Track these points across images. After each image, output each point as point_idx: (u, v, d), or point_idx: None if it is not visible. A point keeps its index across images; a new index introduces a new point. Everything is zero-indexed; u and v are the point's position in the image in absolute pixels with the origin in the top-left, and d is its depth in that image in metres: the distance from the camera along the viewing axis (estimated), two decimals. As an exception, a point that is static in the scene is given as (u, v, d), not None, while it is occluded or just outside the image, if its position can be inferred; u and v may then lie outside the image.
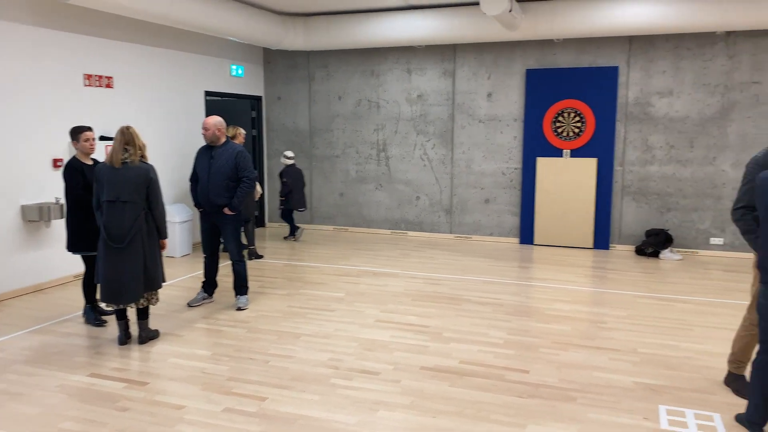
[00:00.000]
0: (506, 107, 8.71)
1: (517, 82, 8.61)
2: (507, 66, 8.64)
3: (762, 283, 3.33)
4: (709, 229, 8.00)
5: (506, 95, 8.69)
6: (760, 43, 7.54)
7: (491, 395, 3.84)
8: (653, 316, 5.44)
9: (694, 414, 3.59)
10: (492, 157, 8.86)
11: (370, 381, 4.05)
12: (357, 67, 9.44)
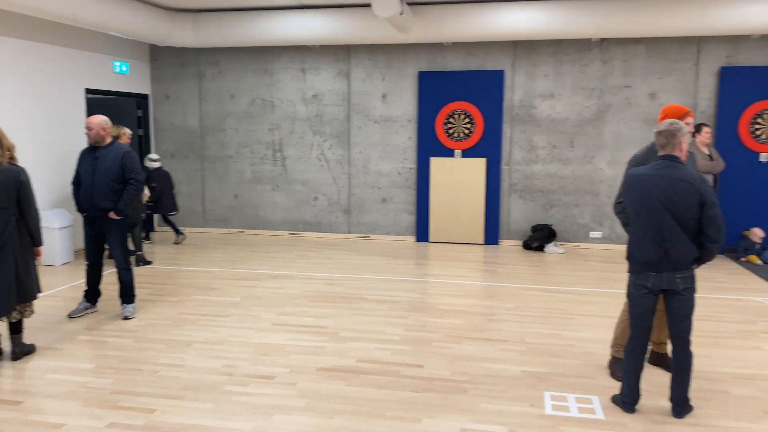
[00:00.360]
0: (401, 108, 8.87)
1: (410, 84, 8.79)
2: (400, 68, 8.80)
3: (630, 272, 3.60)
4: (588, 223, 8.56)
5: (400, 96, 8.85)
6: (630, 50, 8.15)
7: (387, 392, 3.89)
8: (539, 307, 5.74)
9: (575, 398, 3.82)
10: (388, 158, 8.99)
11: (265, 385, 3.99)
12: (250, 65, 9.25)
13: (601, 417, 3.56)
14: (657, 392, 3.86)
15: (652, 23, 7.36)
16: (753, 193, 7.98)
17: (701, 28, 7.32)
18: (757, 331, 5.09)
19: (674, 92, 8.08)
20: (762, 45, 7.82)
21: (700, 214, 3.40)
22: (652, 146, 3.94)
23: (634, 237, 3.55)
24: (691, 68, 8.02)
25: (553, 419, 3.54)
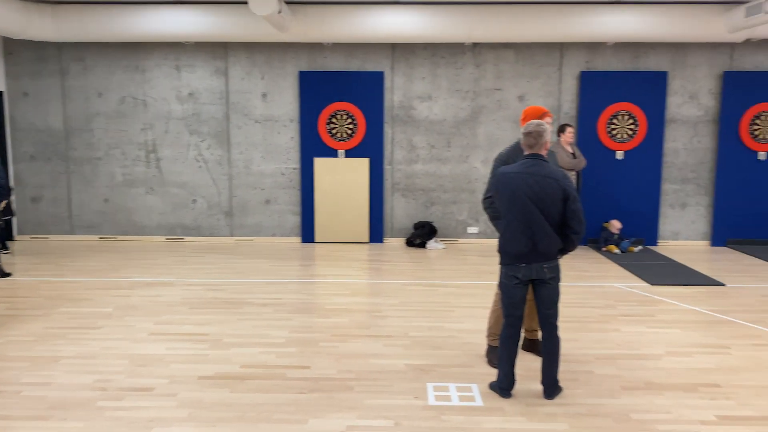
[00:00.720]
0: (282, 108, 8.77)
1: (291, 84, 8.71)
2: (280, 67, 8.70)
3: (503, 264, 3.81)
4: (466, 219, 8.93)
5: (281, 96, 8.75)
6: (500, 55, 8.59)
7: (273, 395, 3.84)
8: (422, 302, 5.91)
9: (456, 387, 3.98)
10: (271, 158, 8.86)
11: (143, 398, 3.79)
12: (119, 61, 8.74)
13: (480, 404, 3.74)
14: (530, 377, 4.11)
15: (520, 30, 7.82)
16: (611, 188, 8.70)
17: (563, 35, 7.89)
18: (616, 314, 5.56)
19: (541, 94, 8.63)
20: (616, 52, 8.55)
21: (564, 208, 3.67)
22: (516, 145, 4.20)
23: (506, 231, 3.76)
24: (555, 72, 8.61)
25: (436, 409, 3.66)
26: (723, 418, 3.56)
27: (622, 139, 8.61)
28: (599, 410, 3.65)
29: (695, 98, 8.60)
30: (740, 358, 4.51)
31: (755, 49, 8.48)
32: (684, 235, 8.88)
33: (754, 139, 8.53)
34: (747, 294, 6.25)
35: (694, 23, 7.75)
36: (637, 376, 4.17)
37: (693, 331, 5.08)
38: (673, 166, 8.75)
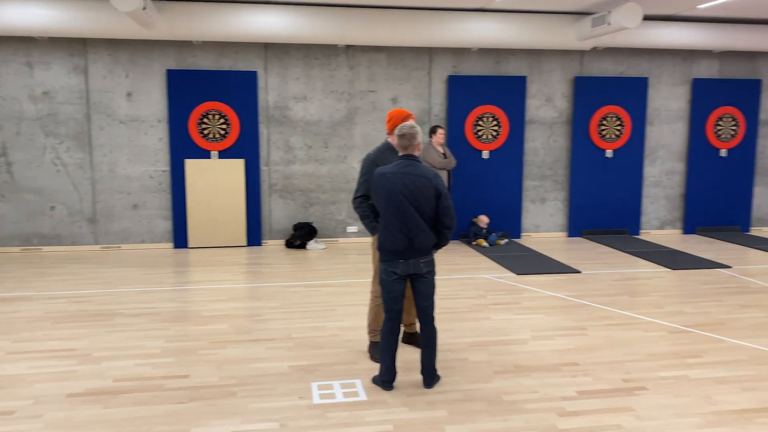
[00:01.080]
0: (149, 108, 8.37)
1: (158, 83, 8.34)
2: (146, 65, 8.30)
3: (382, 261, 3.93)
4: (345, 219, 9.04)
5: (148, 95, 8.35)
6: (373, 58, 8.79)
7: (151, 408, 3.69)
8: (303, 303, 5.92)
9: (340, 384, 4.05)
10: (138, 160, 8.42)
11: (3, 423, 3.49)
12: (-41, 56, 7.91)
13: (364, 398, 3.84)
14: (410, 368, 4.27)
15: (391, 34, 8.05)
16: (479, 186, 9.20)
17: (431, 40, 8.22)
18: (487, 303, 5.91)
19: (412, 97, 8.93)
20: (480, 57, 9.04)
21: (437, 205, 3.86)
22: (383, 146, 4.36)
23: (384, 229, 3.88)
24: (425, 76, 8.95)
25: (321, 407, 3.71)
26: (582, 393, 3.92)
27: (487, 140, 9.13)
28: (474, 395, 3.88)
29: (551, 101, 9.32)
30: (595, 337, 4.97)
31: (601, 56, 9.34)
32: (544, 228, 9.59)
33: (602, 138, 9.39)
34: (600, 279, 6.89)
35: (548, 32, 8.39)
36: (506, 360, 4.47)
37: (554, 316, 5.53)
38: (533, 164, 9.41)
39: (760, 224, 10.10)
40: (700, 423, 3.51)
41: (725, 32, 8.85)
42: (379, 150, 4.38)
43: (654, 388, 3.99)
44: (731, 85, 9.60)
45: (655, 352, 4.64)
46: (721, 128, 9.64)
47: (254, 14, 7.71)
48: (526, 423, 3.52)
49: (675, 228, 9.89)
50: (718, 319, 5.44)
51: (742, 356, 4.55)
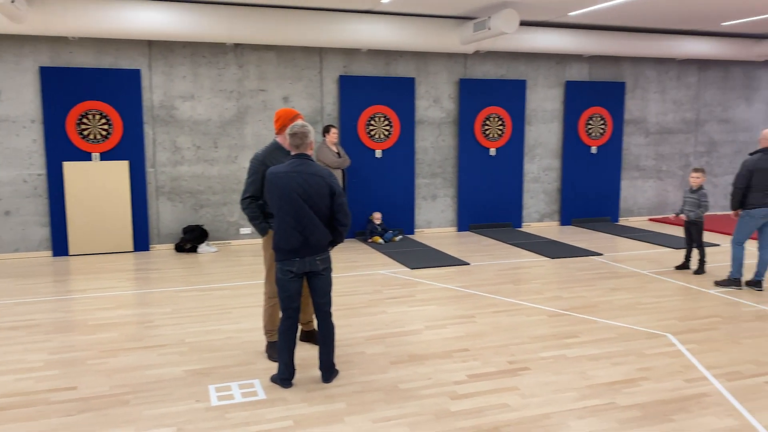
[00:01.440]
0: (20, 107, 7.81)
1: (30, 81, 7.81)
2: (16, 62, 7.74)
3: (278, 260, 3.96)
4: (238, 220, 8.90)
5: (19, 94, 7.79)
6: (263, 56, 8.71)
7: (36, 423, 3.50)
8: (196, 307, 5.80)
9: (238, 385, 4.03)
10: (9, 164, 7.84)
11: None
12: None
13: (263, 397, 3.85)
14: (309, 365, 4.33)
15: (280, 33, 8.03)
16: (373, 184, 9.39)
17: (322, 40, 8.29)
18: (383, 298, 6.07)
19: (304, 96, 8.96)
20: (370, 58, 9.23)
21: (331, 203, 3.94)
22: (272, 146, 4.40)
23: (278, 229, 3.91)
24: (316, 75, 9.00)
25: (220, 409, 3.68)
26: (472, 377, 4.16)
27: (380, 139, 9.34)
28: (371, 386, 4.01)
29: (438, 102, 9.68)
30: (483, 324, 5.27)
31: (483, 60, 9.83)
32: (435, 223, 9.95)
33: (486, 137, 9.88)
34: (486, 270, 7.27)
35: (433, 35, 8.72)
36: (402, 350, 4.64)
37: (446, 306, 5.79)
38: (423, 162, 9.74)
39: (627, 214, 11.06)
40: (576, 397, 3.85)
41: (594, 38, 9.61)
42: (267, 150, 4.40)
43: (536, 368, 4.31)
44: (599, 87, 10.43)
45: (537, 334, 5.00)
46: (591, 127, 10.45)
47: (136, 10, 7.41)
48: (421, 408, 3.69)
49: (553, 220, 10.61)
50: (592, 302, 5.94)
51: (612, 335, 5.00)
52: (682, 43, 10.10)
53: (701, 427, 3.45)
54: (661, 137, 11.04)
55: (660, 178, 11.16)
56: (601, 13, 8.51)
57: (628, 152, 10.89)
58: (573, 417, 3.58)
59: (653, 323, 5.28)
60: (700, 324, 5.26)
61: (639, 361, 4.43)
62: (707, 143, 11.37)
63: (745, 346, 4.72)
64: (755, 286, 6.33)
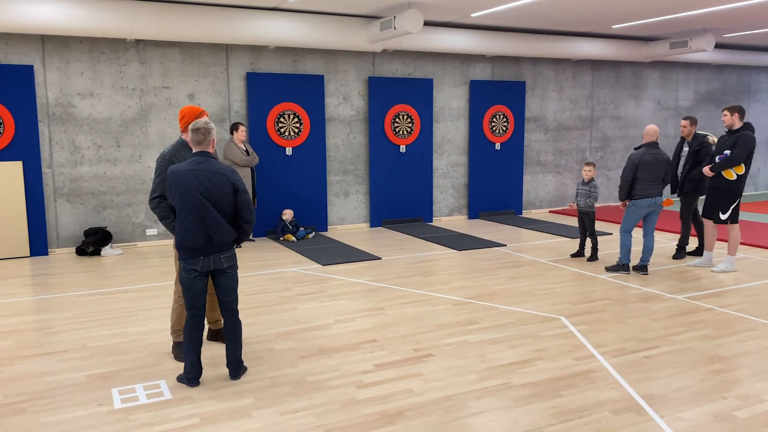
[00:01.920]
0: None
1: None
2: None
3: (182, 259, 3.93)
4: (144, 221, 8.65)
5: None
6: (167, 53, 8.50)
7: None
8: (99, 311, 5.62)
9: (143, 387, 3.97)
10: None
11: None
12: None
13: (170, 397, 3.82)
14: (217, 363, 4.33)
15: (184, 29, 7.86)
16: (284, 182, 9.38)
17: (228, 37, 8.19)
18: (294, 295, 6.12)
19: (210, 94, 8.81)
20: (278, 55, 9.20)
21: (235, 200, 3.95)
22: (178, 143, 4.36)
23: (181, 227, 3.88)
24: (222, 72, 8.87)
25: (123, 411, 3.62)
26: (379, 366, 4.29)
27: (290, 137, 9.33)
28: (280, 380, 4.06)
29: (348, 100, 9.79)
30: (392, 315, 5.43)
31: (392, 58, 10.03)
32: (348, 220, 10.07)
33: (396, 135, 10.09)
34: (397, 264, 7.46)
35: (341, 33, 8.82)
36: (311, 345, 4.72)
37: (356, 300, 5.91)
38: (335, 159, 9.82)
39: (530, 207, 11.62)
40: (475, 379, 4.07)
41: (496, 39, 10.03)
42: (174, 148, 4.35)
43: (440, 354, 4.51)
44: (502, 86, 10.89)
45: (442, 322, 5.21)
46: (495, 124, 10.90)
47: (27, 3, 7.05)
48: (328, 399, 3.78)
49: (462, 214, 10.99)
50: (493, 290, 6.24)
51: (510, 319, 5.29)
52: (577, 44, 10.72)
53: (587, 400, 3.75)
54: (559, 134, 11.67)
55: (559, 173, 11.80)
56: (502, 15, 8.90)
57: (530, 148, 11.44)
58: (472, 398, 3.78)
59: (549, 307, 5.63)
60: (590, 307, 5.66)
61: (534, 343, 4.72)
62: (601, 139, 12.12)
63: (630, 326, 5.13)
64: (641, 270, 6.86)
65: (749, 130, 6.70)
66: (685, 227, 7.58)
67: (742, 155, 6.60)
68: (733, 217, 6.82)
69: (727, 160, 6.64)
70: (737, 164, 6.63)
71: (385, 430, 3.40)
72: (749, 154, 6.64)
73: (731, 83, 13.52)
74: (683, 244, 7.60)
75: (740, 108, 6.76)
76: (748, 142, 6.59)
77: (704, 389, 3.89)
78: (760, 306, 5.65)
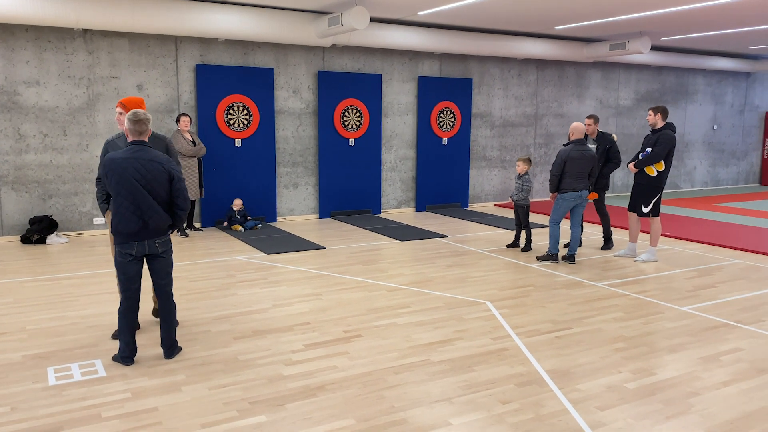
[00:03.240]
0: None
1: None
2: None
3: (117, 243, 4.11)
4: (91, 210, 8.69)
5: None
6: (115, 43, 8.54)
7: None
8: (41, 296, 5.72)
9: (78, 365, 4.14)
10: None
11: None
12: None
13: (104, 374, 4.00)
14: (152, 344, 4.51)
15: (132, 19, 7.93)
16: (233, 173, 9.52)
17: (177, 28, 8.29)
18: (235, 282, 6.32)
19: (159, 84, 8.89)
20: (227, 48, 9.32)
21: (170, 188, 4.15)
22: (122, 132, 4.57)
23: (117, 213, 4.06)
24: (171, 64, 8.96)
25: (57, 388, 3.80)
26: (308, 345, 4.55)
27: (239, 128, 9.48)
28: (212, 359, 4.28)
29: (298, 93, 9.98)
30: (328, 300, 5.69)
31: (341, 53, 10.25)
32: (298, 211, 10.27)
33: (345, 128, 10.33)
34: (340, 253, 7.72)
35: (291, 27, 8.99)
36: (247, 327, 4.94)
37: (296, 287, 6.15)
38: (284, 151, 10.01)
39: (476, 200, 12.01)
40: (396, 356, 4.36)
41: (443, 37, 10.35)
42: (119, 136, 4.58)
43: (367, 335, 4.79)
44: (449, 83, 11.22)
45: (374, 307, 5.50)
46: (442, 120, 11.23)
47: (-31, -11, 7.04)
48: (256, 375, 4.02)
49: (409, 206, 11.30)
50: (428, 277, 6.56)
51: (439, 304, 5.61)
52: (522, 44, 11.12)
53: (496, 374, 4.08)
54: (504, 130, 12.09)
55: (504, 167, 12.22)
56: (449, 13, 9.21)
57: (476, 143, 11.82)
58: (391, 373, 4.07)
59: (477, 293, 5.97)
60: (516, 293, 6.03)
61: (457, 324, 5.05)
62: (545, 135, 12.59)
63: (548, 309, 5.51)
64: (569, 260, 7.27)
65: (670, 129, 7.16)
66: (605, 219, 8.01)
67: (662, 153, 7.05)
68: (654, 210, 7.28)
69: (648, 158, 7.09)
70: (657, 161, 7.08)
71: (306, 401, 3.66)
72: (669, 152, 7.10)
73: (669, 84, 14.17)
74: (608, 235, 8.05)
75: (663, 108, 7.21)
76: (668, 141, 7.05)
77: (603, 365, 4.27)
78: (670, 292, 6.11)
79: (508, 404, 3.65)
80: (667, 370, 4.18)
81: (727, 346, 4.66)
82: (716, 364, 4.31)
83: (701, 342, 4.74)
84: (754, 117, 15.94)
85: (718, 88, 14.99)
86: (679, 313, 5.44)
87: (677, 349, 4.57)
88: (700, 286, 6.33)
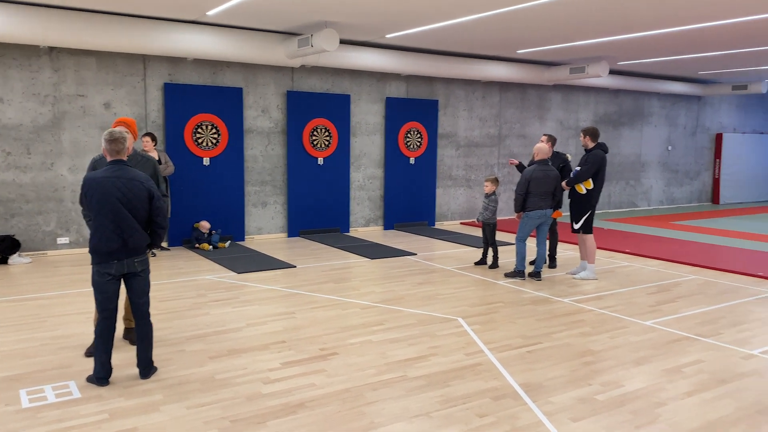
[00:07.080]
0: None
1: None
2: None
3: (95, 263, 4.09)
4: (55, 230, 8.53)
5: None
6: (82, 61, 8.47)
7: None
8: (7, 318, 5.60)
9: (52, 387, 4.08)
10: None
11: None
12: None
13: (79, 396, 3.95)
14: (127, 365, 4.47)
15: (100, 38, 7.89)
16: (201, 191, 9.48)
17: (145, 47, 8.28)
18: (207, 301, 6.29)
19: (127, 103, 8.83)
20: (196, 67, 9.33)
21: (150, 207, 4.16)
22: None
23: (97, 232, 4.05)
24: (140, 82, 8.92)
25: (31, 410, 3.74)
26: (285, 364, 4.58)
27: (207, 147, 9.46)
28: (189, 378, 4.27)
29: (267, 112, 10.03)
30: (302, 319, 5.72)
31: (310, 74, 10.36)
32: (266, 230, 10.27)
33: (314, 147, 10.40)
34: (311, 271, 7.76)
35: (260, 48, 9.07)
36: (222, 346, 4.94)
37: (268, 305, 6.16)
38: (253, 170, 10.02)
39: (442, 219, 12.20)
40: (374, 373, 4.43)
41: (410, 59, 10.57)
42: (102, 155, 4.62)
43: (343, 352, 4.85)
44: (416, 104, 11.44)
45: (348, 324, 5.56)
46: (409, 140, 11.42)
47: (-68, 5, 6.92)
48: (235, 394, 4.04)
49: (378, 225, 11.41)
50: (400, 294, 6.65)
51: (412, 321, 5.70)
52: (486, 67, 11.44)
53: (472, 389, 4.18)
54: (469, 150, 12.35)
55: (469, 186, 12.46)
56: (415, 36, 9.43)
57: (442, 163, 12.04)
58: (369, 389, 4.14)
59: (448, 310, 6.09)
60: (485, 309, 6.17)
61: (431, 341, 5.14)
62: (508, 155, 12.90)
63: (518, 325, 5.66)
64: (535, 277, 7.47)
65: (601, 149, 7.43)
66: (553, 237, 8.21)
67: (588, 172, 7.30)
68: (585, 227, 7.48)
69: (576, 176, 7.37)
70: (585, 179, 7.34)
71: (287, 419, 3.69)
72: (597, 171, 7.33)
73: (626, 107, 14.71)
74: (553, 254, 8.22)
75: (592, 130, 7.49)
76: (596, 161, 7.30)
77: (574, 378, 4.42)
78: (634, 307, 6.34)
79: (485, 417, 3.76)
80: (635, 382, 4.35)
81: (689, 358, 4.87)
82: (680, 375, 4.51)
83: (665, 355, 4.95)
84: (705, 138, 16.64)
85: (671, 110, 15.63)
86: (643, 328, 5.66)
87: (642, 362, 4.76)
88: (661, 301, 6.58)
